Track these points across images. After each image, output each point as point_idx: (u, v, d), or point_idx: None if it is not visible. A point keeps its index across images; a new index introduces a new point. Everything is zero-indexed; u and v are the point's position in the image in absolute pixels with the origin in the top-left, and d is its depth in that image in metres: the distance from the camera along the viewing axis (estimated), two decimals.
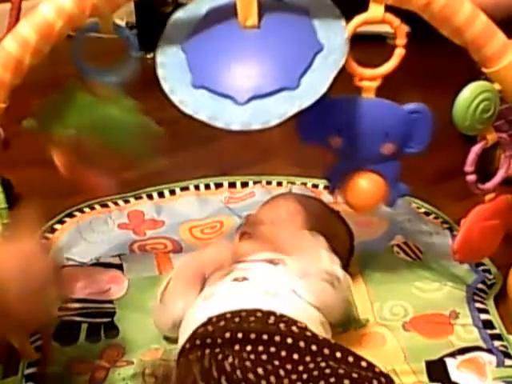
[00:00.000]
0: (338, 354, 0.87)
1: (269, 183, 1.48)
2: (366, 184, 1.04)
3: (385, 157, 1.02)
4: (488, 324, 1.09)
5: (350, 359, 0.87)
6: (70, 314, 1.09)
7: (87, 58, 0.96)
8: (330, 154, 1.05)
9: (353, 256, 1.18)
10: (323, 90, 0.92)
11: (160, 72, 0.96)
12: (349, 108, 0.99)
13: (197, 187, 1.47)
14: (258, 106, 0.92)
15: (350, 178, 1.04)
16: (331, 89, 0.92)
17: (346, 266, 1.15)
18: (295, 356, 0.87)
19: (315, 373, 0.84)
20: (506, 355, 1.02)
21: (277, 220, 1.12)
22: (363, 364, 0.87)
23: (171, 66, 0.96)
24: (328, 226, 1.14)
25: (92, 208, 1.39)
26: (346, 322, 1.08)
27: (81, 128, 0.93)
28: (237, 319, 0.91)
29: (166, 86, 0.95)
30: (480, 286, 1.16)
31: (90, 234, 1.32)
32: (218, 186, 1.47)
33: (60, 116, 0.93)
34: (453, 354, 1.02)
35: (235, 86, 0.93)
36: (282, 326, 0.90)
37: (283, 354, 0.87)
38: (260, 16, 0.94)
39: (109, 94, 0.94)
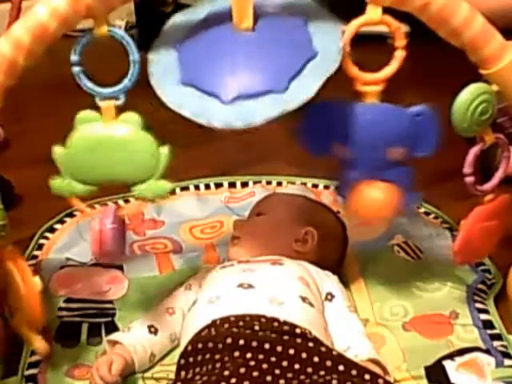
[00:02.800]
0: (341, 367, 0.87)
1: (269, 183, 1.48)
2: (375, 194, 1.00)
3: (394, 163, 1.00)
4: (488, 324, 1.09)
5: (353, 372, 0.87)
6: (71, 315, 1.09)
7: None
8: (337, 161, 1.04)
9: (347, 245, 1.19)
10: (310, 95, 0.91)
11: (150, 68, 0.95)
12: (351, 115, 0.97)
13: (197, 187, 1.47)
14: (243, 106, 0.91)
15: (358, 188, 1.01)
16: (320, 94, 0.91)
17: (342, 256, 1.18)
18: (296, 366, 0.87)
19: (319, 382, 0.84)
20: (506, 355, 1.02)
21: (265, 220, 1.14)
22: (366, 377, 0.87)
23: (162, 63, 0.95)
24: (315, 215, 1.16)
25: (92, 208, 1.39)
26: None
27: (85, 152, 0.92)
28: (241, 323, 0.91)
29: (153, 81, 0.94)
30: (480, 286, 1.16)
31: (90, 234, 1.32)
32: (218, 185, 1.48)
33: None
34: (451, 356, 1.02)
35: (222, 85, 0.92)
36: (285, 333, 0.90)
37: (284, 363, 0.87)
38: (256, 20, 0.93)
39: (112, 113, 0.92)
